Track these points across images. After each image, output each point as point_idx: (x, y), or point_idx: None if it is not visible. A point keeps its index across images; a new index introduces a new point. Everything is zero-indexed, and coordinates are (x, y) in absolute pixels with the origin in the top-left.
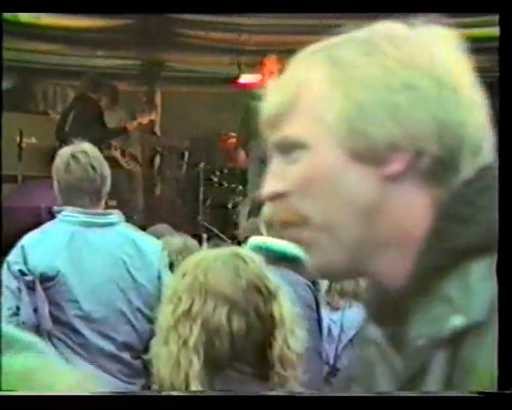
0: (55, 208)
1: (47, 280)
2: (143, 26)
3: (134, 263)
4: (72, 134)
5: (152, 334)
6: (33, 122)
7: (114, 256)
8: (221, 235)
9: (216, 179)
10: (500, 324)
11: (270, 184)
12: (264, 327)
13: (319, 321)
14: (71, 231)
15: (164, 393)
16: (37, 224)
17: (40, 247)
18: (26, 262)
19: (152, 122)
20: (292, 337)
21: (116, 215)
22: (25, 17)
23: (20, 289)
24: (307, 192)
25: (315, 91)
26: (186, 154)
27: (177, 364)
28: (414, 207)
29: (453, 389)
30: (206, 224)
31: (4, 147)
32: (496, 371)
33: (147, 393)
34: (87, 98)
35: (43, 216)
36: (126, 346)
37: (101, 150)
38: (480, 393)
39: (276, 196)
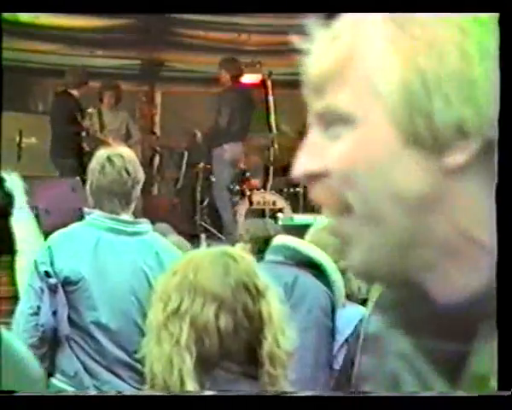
0: (86, 210)
1: (70, 284)
2: (143, 26)
3: (155, 276)
4: (52, 132)
5: None
6: (33, 122)
7: (137, 267)
8: (219, 235)
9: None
10: (500, 324)
11: (305, 161)
12: (252, 325)
13: (333, 330)
14: (98, 235)
15: (161, 393)
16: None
17: (66, 249)
18: (52, 264)
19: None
20: (282, 336)
21: (144, 225)
22: (24, 17)
23: (42, 290)
24: (350, 176)
25: (370, 54)
26: (185, 154)
27: (169, 363)
28: (478, 208)
29: None
30: (204, 224)
31: (4, 147)
32: None
33: (146, 393)
34: (64, 95)
35: (41, 216)
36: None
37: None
38: (480, 393)
39: (312, 177)
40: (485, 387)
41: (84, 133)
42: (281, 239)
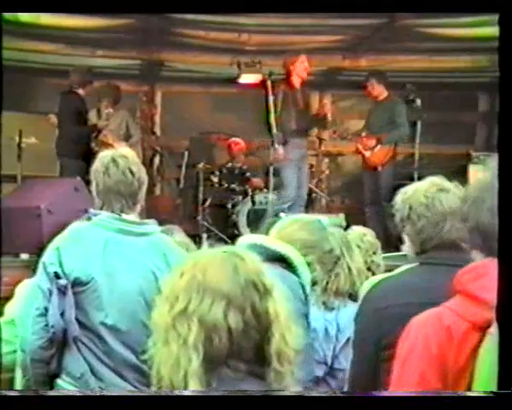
0: (92, 211)
1: (79, 285)
2: (143, 26)
3: (163, 277)
4: (58, 132)
5: None
6: (33, 122)
7: (145, 268)
8: (221, 235)
9: (215, 179)
10: (500, 324)
11: None
12: (260, 323)
13: (307, 316)
14: (106, 236)
15: (164, 393)
16: (37, 223)
17: (75, 251)
18: (61, 265)
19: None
20: (289, 333)
21: (152, 225)
22: (25, 17)
23: (50, 292)
24: None
25: None
26: (185, 154)
27: (176, 363)
28: None
29: None
30: (205, 224)
31: (4, 147)
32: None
33: (147, 393)
34: (70, 95)
35: (43, 216)
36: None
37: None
38: (480, 393)
39: None
40: None
41: (94, 133)
42: (246, 239)
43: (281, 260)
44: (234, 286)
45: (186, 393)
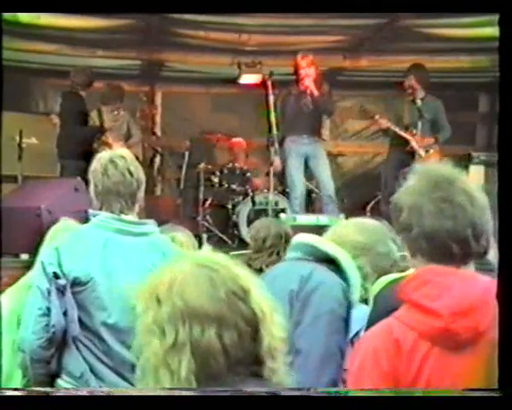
0: (91, 212)
1: (78, 285)
2: (143, 26)
3: None
4: (59, 132)
5: None
6: (33, 122)
7: (144, 268)
8: (221, 235)
9: (216, 180)
10: (500, 324)
11: None
12: (251, 328)
13: (347, 321)
14: (105, 237)
15: (164, 393)
16: (37, 224)
17: (74, 251)
18: (60, 265)
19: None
20: (274, 325)
21: (150, 225)
22: (24, 17)
23: (49, 291)
24: None
25: None
26: (186, 154)
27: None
28: None
29: None
30: (206, 224)
31: (4, 147)
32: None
33: (147, 393)
34: (72, 95)
35: (43, 216)
36: None
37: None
38: (481, 392)
39: None
40: None
41: (98, 134)
42: (299, 237)
43: (330, 262)
44: (218, 304)
45: (186, 393)
